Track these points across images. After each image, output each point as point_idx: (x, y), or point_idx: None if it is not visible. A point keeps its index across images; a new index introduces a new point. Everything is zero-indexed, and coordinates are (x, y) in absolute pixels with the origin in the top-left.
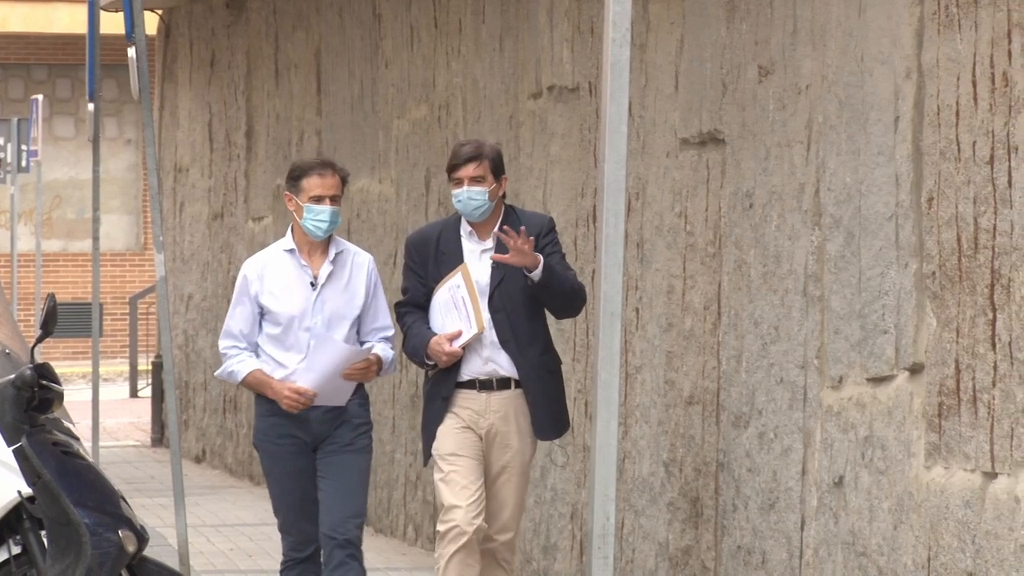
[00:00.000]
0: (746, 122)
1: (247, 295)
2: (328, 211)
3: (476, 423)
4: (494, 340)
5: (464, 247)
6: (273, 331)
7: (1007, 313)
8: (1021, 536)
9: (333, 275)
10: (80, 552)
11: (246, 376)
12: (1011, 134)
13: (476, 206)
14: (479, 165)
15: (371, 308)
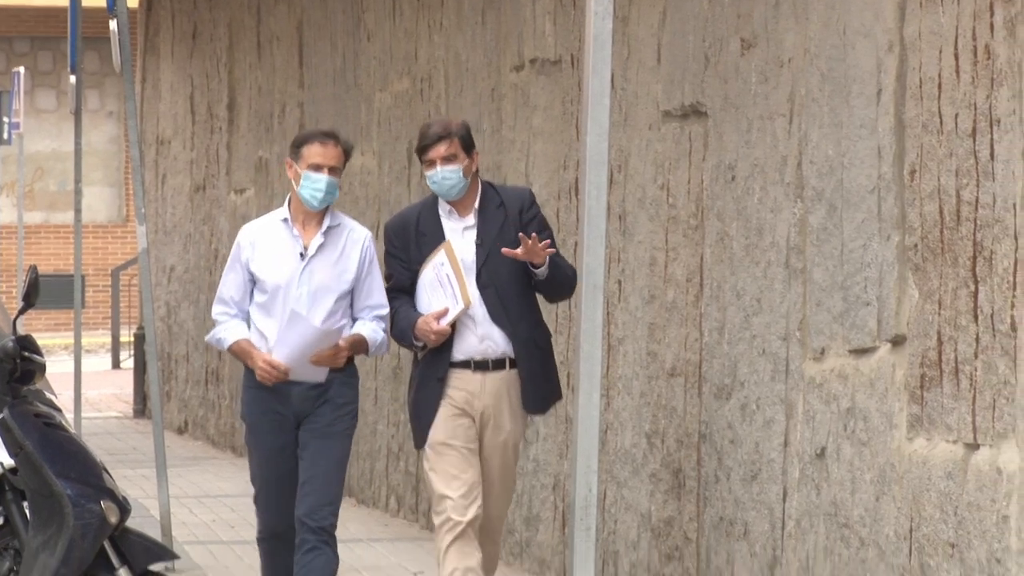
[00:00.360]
0: (728, 95)
1: (239, 262)
2: (325, 180)
3: (470, 404)
4: (486, 316)
5: (445, 226)
6: (260, 299)
7: (989, 285)
8: (1003, 507)
9: (324, 247)
10: (62, 523)
11: (231, 344)
12: (993, 107)
13: (451, 184)
14: (450, 144)
15: (364, 285)
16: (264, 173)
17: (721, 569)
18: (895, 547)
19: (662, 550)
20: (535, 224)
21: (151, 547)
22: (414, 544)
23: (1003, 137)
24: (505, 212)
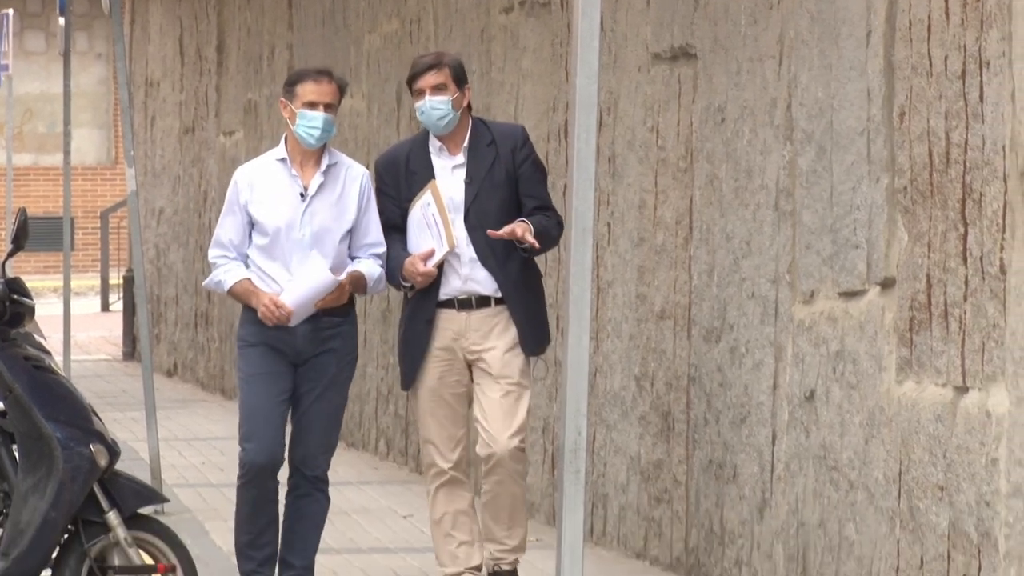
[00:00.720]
0: (718, 36)
1: (237, 204)
2: (321, 118)
3: (457, 343)
4: (472, 257)
5: (435, 164)
6: (261, 241)
7: (978, 228)
8: (992, 450)
9: (324, 187)
10: (52, 466)
11: (233, 285)
12: (983, 48)
13: (440, 116)
14: (439, 72)
15: (362, 223)
16: (253, 115)
17: (710, 512)
18: (884, 490)
19: (651, 493)
20: (528, 164)
21: (140, 490)
22: (403, 487)
23: (992, 79)
24: (496, 150)
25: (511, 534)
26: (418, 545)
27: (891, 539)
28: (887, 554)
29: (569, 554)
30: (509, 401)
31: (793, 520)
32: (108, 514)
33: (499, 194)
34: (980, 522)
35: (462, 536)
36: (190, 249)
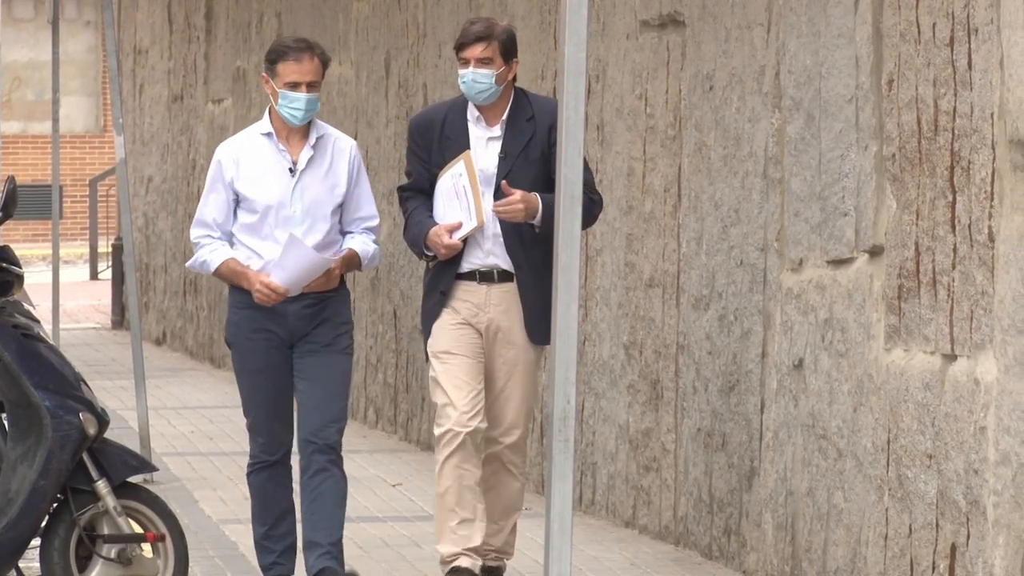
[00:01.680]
0: (706, 4)
1: (221, 181)
2: (304, 99)
3: (476, 317)
4: (497, 232)
5: (471, 133)
6: (249, 220)
7: (967, 195)
8: (980, 418)
9: (313, 161)
10: (41, 435)
11: (219, 266)
12: (971, 15)
13: (481, 89)
14: (488, 46)
15: (353, 196)
16: (242, 83)
17: (699, 480)
18: (873, 458)
19: (640, 461)
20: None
21: (130, 459)
22: (392, 455)
23: (980, 46)
24: (535, 126)
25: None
26: (407, 514)
27: (879, 507)
28: (875, 522)
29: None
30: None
31: (782, 488)
32: (97, 483)
33: (532, 171)
34: (968, 490)
35: (464, 513)
36: (179, 217)
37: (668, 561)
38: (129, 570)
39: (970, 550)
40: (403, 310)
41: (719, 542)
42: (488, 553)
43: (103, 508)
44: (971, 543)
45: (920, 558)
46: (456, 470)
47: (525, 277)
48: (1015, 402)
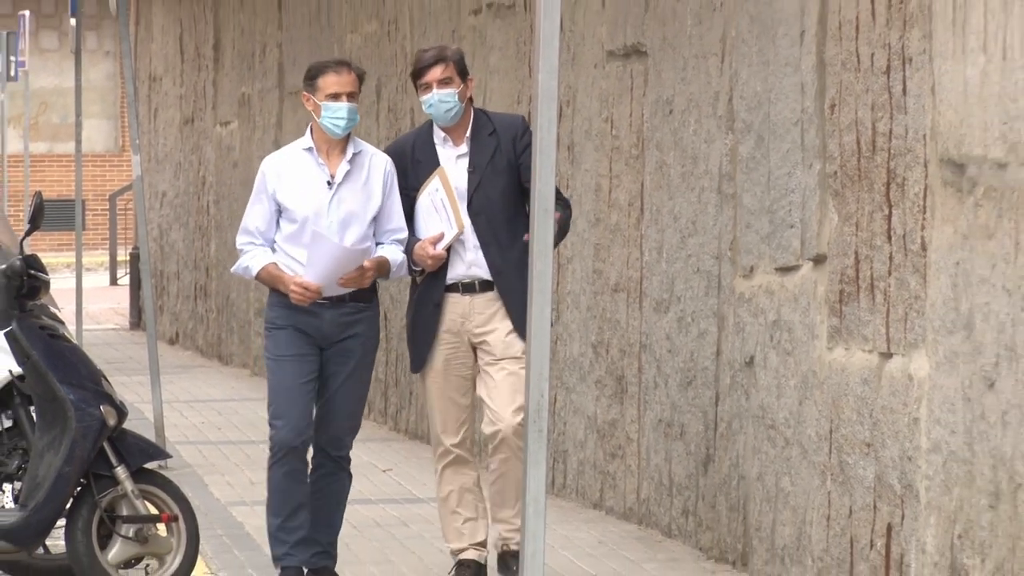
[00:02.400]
0: (666, 36)
1: (265, 192)
2: (346, 108)
3: (462, 326)
4: (475, 243)
5: (440, 153)
6: (289, 229)
7: (901, 209)
8: (914, 411)
9: (350, 175)
10: (65, 425)
11: (259, 271)
12: (906, 46)
13: (448, 108)
14: (445, 67)
15: (386, 209)
16: (247, 107)
17: (660, 467)
18: (816, 446)
19: (606, 449)
20: (528, 153)
21: (146, 447)
22: (383, 444)
23: (914, 74)
24: (498, 139)
25: (518, 513)
26: (397, 497)
27: (823, 491)
28: (819, 504)
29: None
30: (512, 381)
31: (734, 474)
32: (117, 469)
33: (501, 181)
34: (903, 475)
35: (467, 513)
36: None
37: (632, 539)
38: (145, 547)
39: (904, 529)
40: (392, 313)
41: (678, 522)
42: (511, 537)
43: (122, 491)
44: (905, 523)
45: (859, 537)
46: (455, 476)
47: (506, 281)
48: (945, 396)
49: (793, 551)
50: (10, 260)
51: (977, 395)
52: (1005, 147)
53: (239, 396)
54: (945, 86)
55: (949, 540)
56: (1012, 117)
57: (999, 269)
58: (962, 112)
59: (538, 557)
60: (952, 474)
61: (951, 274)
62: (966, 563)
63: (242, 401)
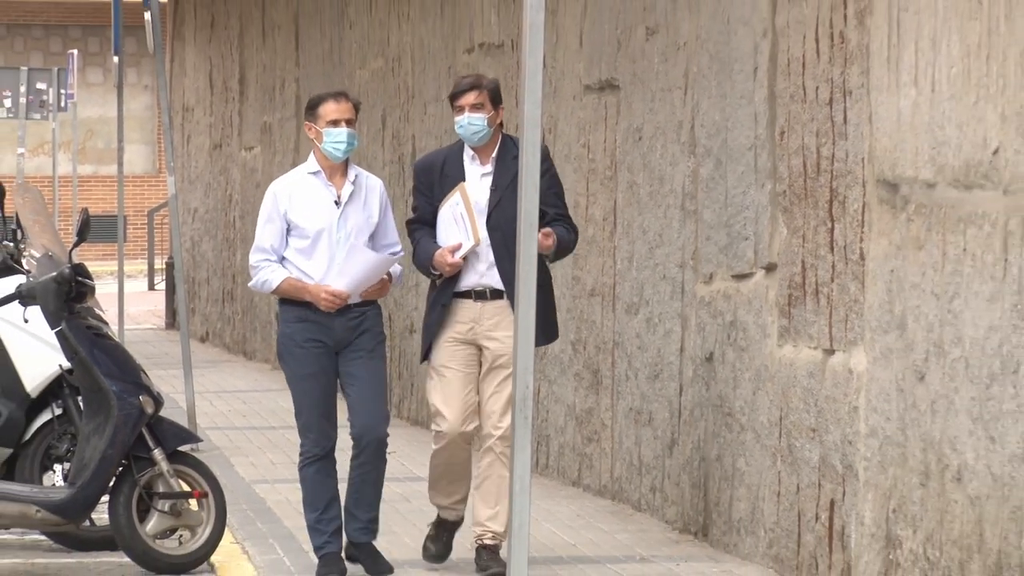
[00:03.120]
0: (636, 72)
1: (276, 213)
2: (345, 133)
3: (471, 329)
4: (490, 258)
5: (467, 170)
6: (300, 244)
7: (843, 223)
8: (853, 400)
9: (354, 195)
10: (109, 413)
11: (280, 284)
12: (846, 81)
13: (476, 131)
14: (479, 94)
15: (382, 226)
16: (268, 134)
17: (631, 449)
18: (768, 431)
19: (584, 434)
20: (547, 178)
21: (180, 432)
22: None
23: (854, 105)
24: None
25: (495, 516)
26: (400, 476)
27: (773, 470)
28: (770, 482)
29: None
30: (507, 388)
31: (696, 455)
32: (154, 451)
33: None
34: (844, 457)
35: (451, 479)
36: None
37: (606, 513)
38: (179, 520)
39: (845, 504)
40: (396, 314)
41: (646, 498)
42: (486, 534)
43: (158, 471)
44: (846, 499)
45: (806, 511)
46: (447, 456)
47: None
48: (880, 387)
49: (748, 523)
50: (60, 268)
51: (909, 387)
52: (934, 169)
53: (261, 387)
54: (881, 116)
55: (884, 514)
56: (939, 143)
57: (928, 276)
58: (896, 138)
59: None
60: (887, 456)
61: (886, 280)
62: (899, 534)
63: (264, 392)
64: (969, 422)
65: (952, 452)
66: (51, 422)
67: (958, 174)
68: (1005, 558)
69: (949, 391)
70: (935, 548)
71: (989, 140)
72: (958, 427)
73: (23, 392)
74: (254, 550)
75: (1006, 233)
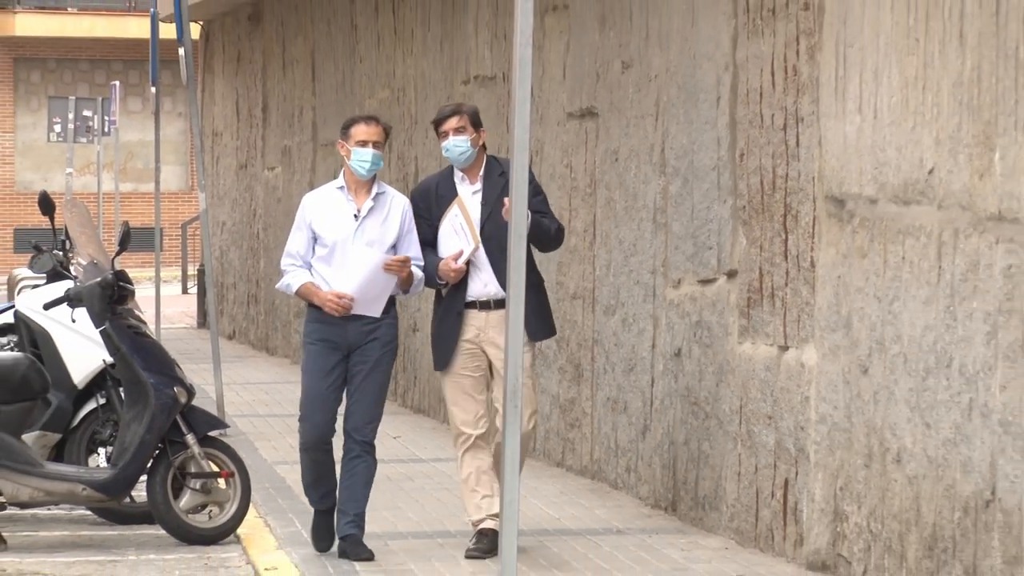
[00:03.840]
0: (613, 101)
1: (304, 222)
2: (371, 153)
3: (479, 337)
4: (488, 263)
5: (459, 190)
6: (322, 252)
7: (795, 235)
8: (805, 390)
9: (373, 210)
10: (147, 403)
11: (299, 287)
12: (799, 109)
13: (461, 151)
14: (460, 118)
15: (405, 240)
16: (288, 156)
17: (608, 435)
18: (729, 418)
19: (567, 421)
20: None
21: (210, 419)
22: (393, 416)
23: (805, 131)
24: (506, 179)
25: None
26: (404, 458)
27: (735, 453)
28: (732, 464)
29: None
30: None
31: (666, 440)
32: (187, 436)
33: None
34: (797, 441)
35: (484, 491)
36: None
37: (586, 491)
38: (209, 497)
39: (798, 483)
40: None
41: (623, 477)
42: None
43: (191, 454)
44: (799, 478)
45: (763, 489)
46: (473, 460)
47: None
48: (829, 379)
49: (712, 500)
50: (104, 274)
51: (854, 379)
52: (876, 187)
53: (282, 380)
54: (829, 139)
55: (833, 491)
56: (881, 164)
57: (871, 281)
58: (842, 160)
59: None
60: (835, 440)
61: (834, 285)
62: (845, 509)
63: (284, 383)
64: (907, 410)
65: (892, 437)
66: (96, 411)
67: (897, 191)
68: (939, 530)
69: (890, 383)
70: (877, 522)
71: (925, 161)
72: (897, 415)
73: (71, 384)
74: (275, 523)
75: (940, 243)
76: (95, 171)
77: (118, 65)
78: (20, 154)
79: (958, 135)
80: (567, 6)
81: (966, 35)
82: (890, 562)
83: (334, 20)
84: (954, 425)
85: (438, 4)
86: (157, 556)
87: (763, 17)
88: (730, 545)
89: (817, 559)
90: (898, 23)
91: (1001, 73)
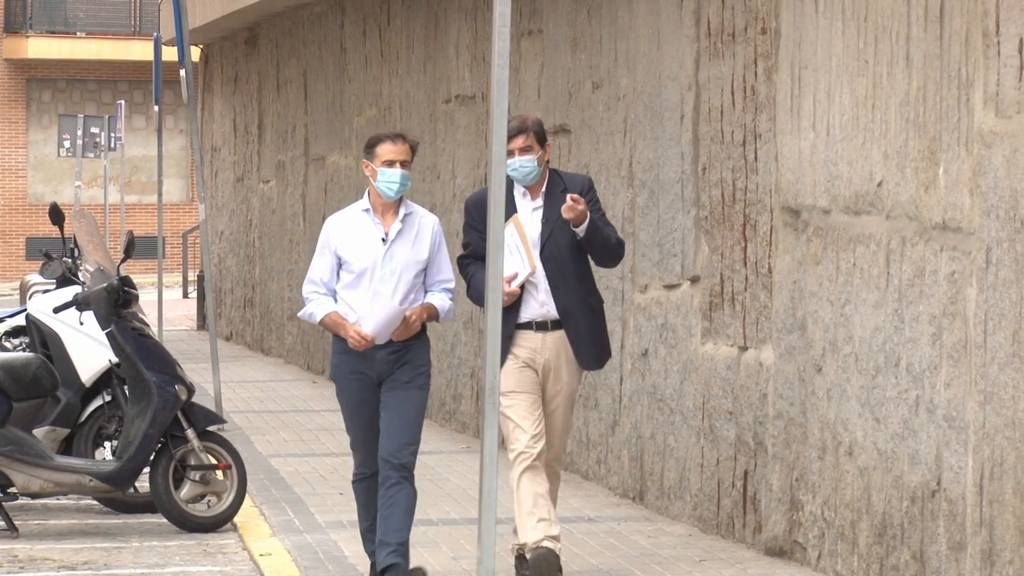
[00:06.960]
0: (584, 119)
1: (328, 248)
2: (399, 174)
3: (533, 359)
4: (546, 286)
5: (519, 205)
6: (348, 279)
7: (754, 243)
8: (763, 388)
9: (402, 233)
10: (150, 400)
11: (323, 317)
12: (757, 126)
13: (527, 172)
14: (527, 137)
15: (435, 262)
16: (282, 170)
17: (580, 429)
18: (693, 414)
19: None
20: (591, 206)
21: (208, 415)
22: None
23: (763, 147)
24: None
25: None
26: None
27: (698, 446)
28: (695, 456)
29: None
30: (561, 416)
31: (634, 434)
32: (187, 431)
33: (569, 232)
34: (755, 435)
35: (541, 513)
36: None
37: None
38: (207, 488)
39: (756, 475)
40: None
41: (593, 468)
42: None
43: (191, 447)
44: (757, 470)
45: (724, 480)
46: (530, 482)
47: (572, 320)
48: (785, 378)
49: (676, 490)
50: (110, 280)
51: (809, 377)
52: (828, 198)
53: (276, 378)
54: (785, 155)
55: (789, 482)
56: (833, 177)
57: (824, 286)
58: (798, 173)
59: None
60: (791, 434)
61: (790, 290)
62: (801, 499)
63: (279, 382)
64: (859, 406)
65: (844, 431)
66: (102, 407)
67: (849, 202)
68: (889, 518)
69: (842, 381)
70: (831, 510)
71: (874, 174)
72: (849, 411)
73: (79, 382)
74: (270, 512)
75: (888, 251)
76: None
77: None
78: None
79: (905, 150)
80: (542, 31)
81: (912, 57)
82: (843, 548)
83: (325, 44)
84: (902, 420)
85: (421, 29)
86: (159, 543)
87: (723, 41)
88: (693, 532)
89: (775, 545)
90: (849, 46)
91: (945, 92)
